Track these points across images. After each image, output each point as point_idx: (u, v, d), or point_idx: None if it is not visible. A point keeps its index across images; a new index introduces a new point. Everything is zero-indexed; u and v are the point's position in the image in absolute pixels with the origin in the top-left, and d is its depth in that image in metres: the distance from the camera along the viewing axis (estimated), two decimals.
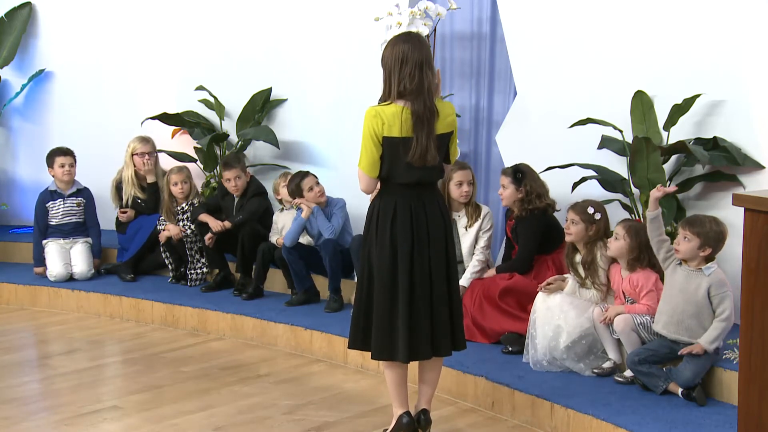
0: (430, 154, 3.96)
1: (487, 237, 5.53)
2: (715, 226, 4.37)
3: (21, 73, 7.86)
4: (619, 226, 4.73)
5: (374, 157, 4.01)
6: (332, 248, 5.90)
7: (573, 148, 5.46)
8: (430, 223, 4.05)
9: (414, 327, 4.03)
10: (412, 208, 4.03)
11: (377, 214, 4.08)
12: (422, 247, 4.04)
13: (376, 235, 4.07)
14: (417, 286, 4.03)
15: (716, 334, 4.30)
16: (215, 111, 7.24)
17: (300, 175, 6.13)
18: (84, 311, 6.52)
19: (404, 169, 3.98)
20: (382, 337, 4.05)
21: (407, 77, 3.94)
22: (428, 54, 4.02)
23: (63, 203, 6.87)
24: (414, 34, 4.15)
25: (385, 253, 4.03)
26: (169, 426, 4.50)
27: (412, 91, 3.94)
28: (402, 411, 4.15)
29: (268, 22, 7.16)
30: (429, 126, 3.95)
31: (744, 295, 3.29)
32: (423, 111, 3.93)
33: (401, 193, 4.04)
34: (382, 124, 3.95)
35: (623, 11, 5.50)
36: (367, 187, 4.09)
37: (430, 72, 3.98)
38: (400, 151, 3.96)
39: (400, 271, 4.02)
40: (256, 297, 6.26)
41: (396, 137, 3.95)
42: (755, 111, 5.00)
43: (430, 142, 3.95)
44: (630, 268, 4.69)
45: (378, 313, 4.06)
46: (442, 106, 4.06)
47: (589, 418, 4.23)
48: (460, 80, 6.42)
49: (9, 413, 4.63)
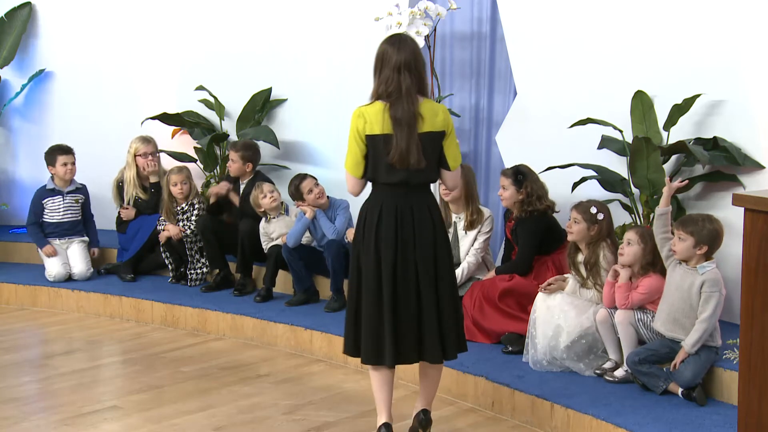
0: (413, 157, 3.89)
1: (483, 239, 5.51)
2: (708, 224, 4.36)
3: (21, 73, 7.87)
4: (630, 232, 4.69)
5: (357, 157, 3.99)
6: (336, 249, 5.90)
7: (573, 148, 5.46)
8: (418, 227, 3.98)
9: (399, 332, 3.98)
10: (398, 210, 3.98)
11: (365, 216, 4.05)
12: (407, 251, 3.97)
13: (363, 238, 4.03)
14: (400, 291, 3.97)
15: (697, 336, 4.30)
16: (215, 111, 7.24)
17: (299, 177, 6.12)
18: (84, 311, 6.52)
19: (387, 169, 3.94)
20: (370, 342, 4.00)
21: (384, 81, 3.93)
22: (411, 56, 3.94)
23: (63, 200, 6.86)
24: (400, 35, 4.08)
25: (371, 257, 3.99)
26: (169, 426, 4.50)
27: (390, 94, 3.91)
28: (382, 421, 4.08)
29: (268, 22, 7.17)
30: (409, 128, 3.89)
31: (744, 295, 3.29)
32: (401, 115, 3.88)
33: (388, 193, 4.00)
34: (365, 123, 3.93)
35: (623, 11, 5.50)
36: (353, 187, 4.07)
37: (410, 75, 3.91)
38: (381, 149, 3.92)
39: (384, 276, 3.97)
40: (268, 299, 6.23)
41: (377, 134, 3.92)
42: (755, 111, 5.00)
43: (411, 144, 3.88)
44: (643, 271, 4.67)
45: (365, 318, 4.02)
46: (431, 105, 3.98)
47: (589, 418, 4.23)
48: (460, 80, 6.42)
49: (9, 413, 4.63)
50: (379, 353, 4.00)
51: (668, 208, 4.50)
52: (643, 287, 4.60)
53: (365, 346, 4.03)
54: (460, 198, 5.50)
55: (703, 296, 4.32)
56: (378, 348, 3.99)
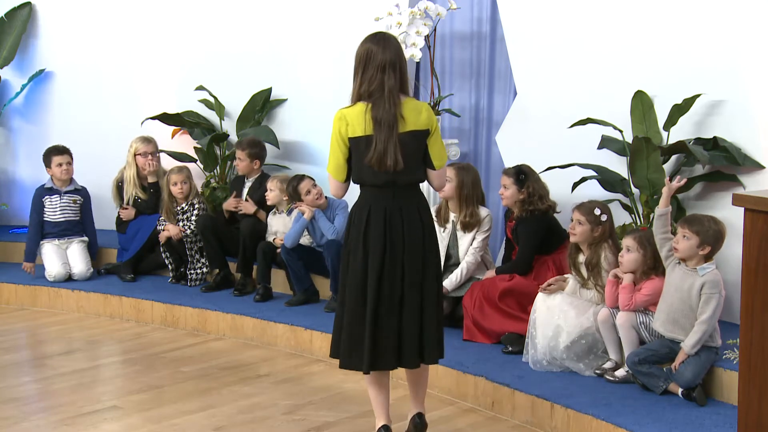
0: (389, 159, 3.83)
1: (481, 239, 5.50)
2: (713, 224, 4.37)
3: (21, 73, 7.87)
4: (628, 239, 4.67)
5: (339, 160, 3.94)
6: (336, 248, 5.89)
7: (573, 148, 5.46)
8: (407, 229, 3.93)
9: (378, 337, 3.91)
10: (387, 212, 3.92)
11: (353, 218, 4.00)
12: (395, 254, 3.91)
13: (351, 240, 3.98)
14: (385, 296, 3.91)
15: (697, 337, 4.30)
16: (215, 111, 7.24)
17: (297, 178, 6.12)
18: (84, 311, 6.52)
19: (371, 171, 3.89)
20: (349, 346, 3.95)
21: (367, 80, 3.88)
22: (395, 55, 3.88)
23: (60, 199, 6.86)
24: (383, 34, 4.02)
25: (358, 261, 3.93)
26: (169, 426, 4.50)
27: (372, 94, 3.87)
28: (381, 423, 4.07)
29: (268, 22, 7.17)
30: (389, 130, 3.83)
31: (744, 295, 3.29)
32: (382, 115, 3.83)
33: (376, 195, 3.94)
34: (347, 126, 3.89)
35: (623, 11, 5.50)
36: (336, 191, 4.02)
37: (394, 74, 3.86)
38: (364, 151, 3.87)
39: (369, 279, 3.91)
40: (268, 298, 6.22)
41: (360, 136, 3.87)
42: (755, 111, 5.00)
43: (389, 145, 3.82)
44: (645, 276, 4.66)
45: (347, 321, 3.96)
46: (414, 104, 3.93)
47: (589, 418, 4.23)
48: (460, 80, 6.42)
49: (9, 413, 4.63)
50: (356, 359, 3.94)
51: (668, 208, 4.49)
52: (647, 289, 4.59)
53: (343, 349, 3.98)
54: (453, 198, 5.48)
55: (703, 297, 4.31)
56: (357, 353, 3.93)
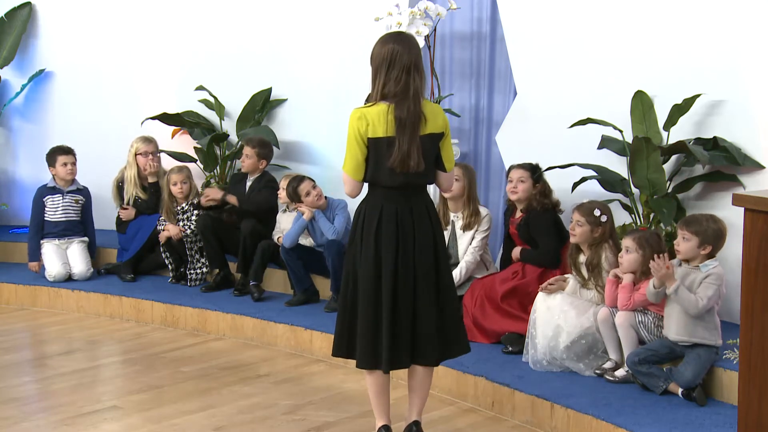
0: (413, 160, 3.83)
1: (481, 238, 5.50)
2: (712, 223, 4.37)
3: (21, 73, 7.87)
4: (627, 239, 4.66)
5: (358, 159, 3.92)
6: (336, 249, 5.90)
7: (573, 148, 5.45)
8: (418, 230, 3.94)
9: (396, 336, 3.92)
10: (399, 214, 3.92)
11: (363, 219, 3.98)
12: (407, 255, 3.92)
13: (361, 241, 3.97)
14: (400, 296, 3.91)
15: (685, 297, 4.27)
16: (215, 111, 7.24)
17: (297, 179, 6.12)
18: (84, 311, 6.52)
19: (389, 172, 3.88)
20: (367, 346, 3.95)
21: (393, 80, 3.84)
22: (418, 56, 3.89)
23: (62, 198, 6.86)
24: (405, 34, 4.01)
25: (370, 261, 3.92)
26: (169, 426, 4.50)
27: (396, 94, 3.84)
28: (381, 423, 4.07)
29: (268, 22, 7.17)
30: (412, 131, 3.83)
31: (744, 295, 3.29)
32: (406, 116, 3.81)
33: (387, 196, 3.93)
34: (367, 125, 3.86)
35: (623, 11, 5.50)
36: (352, 190, 4.00)
37: (418, 75, 3.86)
38: (384, 152, 3.86)
39: (384, 280, 3.91)
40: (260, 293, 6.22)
41: (381, 137, 3.85)
42: (755, 111, 5.00)
43: (412, 147, 3.82)
44: (644, 276, 4.64)
45: (362, 322, 3.95)
46: (431, 107, 3.94)
47: (589, 418, 4.23)
48: (460, 80, 6.42)
49: (9, 413, 4.63)
50: (376, 358, 3.95)
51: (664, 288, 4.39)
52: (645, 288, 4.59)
53: (361, 350, 3.97)
54: (461, 197, 5.50)
55: (702, 285, 4.31)
56: (375, 352, 3.94)
